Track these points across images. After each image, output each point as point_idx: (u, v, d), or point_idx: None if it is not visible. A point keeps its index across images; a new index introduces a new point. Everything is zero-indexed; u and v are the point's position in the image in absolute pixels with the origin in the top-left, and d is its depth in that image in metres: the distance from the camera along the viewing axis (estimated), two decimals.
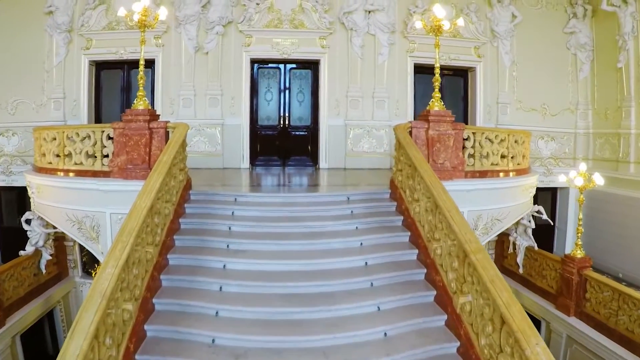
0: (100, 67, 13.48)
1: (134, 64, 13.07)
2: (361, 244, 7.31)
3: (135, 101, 8.62)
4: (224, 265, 6.66)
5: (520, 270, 13.40)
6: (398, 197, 8.38)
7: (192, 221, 7.71)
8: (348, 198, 8.46)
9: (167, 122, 8.53)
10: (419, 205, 7.45)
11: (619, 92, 13.81)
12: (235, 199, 8.22)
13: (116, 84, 13.57)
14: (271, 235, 7.30)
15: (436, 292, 6.41)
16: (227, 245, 7.06)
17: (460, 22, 9.59)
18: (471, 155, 9.35)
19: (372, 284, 6.51)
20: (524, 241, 13.06)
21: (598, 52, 14.65)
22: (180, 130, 8.30)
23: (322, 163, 13.14)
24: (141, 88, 8.65)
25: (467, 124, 13.94)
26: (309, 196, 8.47)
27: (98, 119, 13.46)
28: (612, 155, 14.14)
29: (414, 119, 13.09)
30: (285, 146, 13.49)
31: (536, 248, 13.24)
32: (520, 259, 13.46)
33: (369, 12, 12.88)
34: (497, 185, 9.61)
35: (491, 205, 9.47)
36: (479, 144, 9.45)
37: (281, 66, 13.43)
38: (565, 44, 14.73)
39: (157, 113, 8.87)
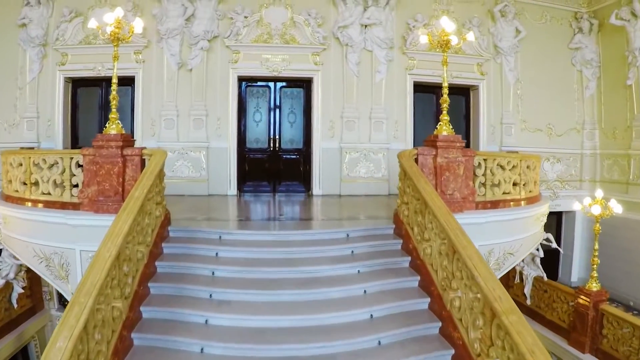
0: (77, 84, 12.52)
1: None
2: (365, 291, 6.39)
3: (107, 124, 7.74)
4: (206, 321, 5.71)
5: (528, 302, 12.70)
6: (404, 234, 7.49)
7: (170, 264, 6.76)
8: (347, 235, 7.56)
9: (142, 148, 7.66)
10: (431, 247, 6.57)
11: (629, 110, 13.21)
12: (220, 236, 7.30)
13: (94, 102, 12.62)
14: (261, 282, 6.35)
15: (454, 351, 5.53)
16: (210, 295, 6.12)
17: (470, 36, 8.86)
18: (482, 184, 8.54)
19: (379, 342, 5.59)
20: (532, 271, 12.38)
21: (605, 68, 14.04)
22: (157, 158, 7.37)
23: (316, 189, 12.22)
24: (114, 110, 7.79)
25: (469, 146, 13.13)
26: (304, 234, 7.51)
27: (74, 141, 12.52)
28: (621, 177, 13.52)
29: (414, 141, 12.37)
30: (275, 170, 12.59)
31: (545, 278, 12.45)
32: (527, 290, 12.75)
33: (366, 26, 12.06)
34: (510, 216, 8.78)
35: (503, 238, 8.65)
36: (491, 171, 8.64)
37: (271, 84, 12.55)
38: (570, 60, 14.07)
39: (133, 138, 8.05)
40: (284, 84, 12.57)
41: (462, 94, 13.34)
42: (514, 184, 9.06)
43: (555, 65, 13.81)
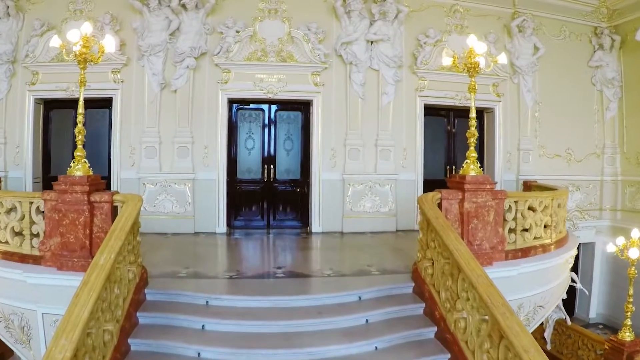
0: (49, 106, 11.28)
1: (90, 103, 10.97)
2: None
3: (71, 164, 6.60)
4: None
5: (548, 347, 11.73)
6: (427, 297, 6.41)
7: (146, 342, 5.57)
8: (360, 298, 6.42)
9: (113, 193, 6.54)
10: (465, 320, 5.42)
11: None
12: (207, 302, 6.15)
13: (68, 126, 11.34)
14: None
15: None
16: None
17: (502, 58, 8.02)
18: (512, 230, 7.51)
19: None
20: (554, 313, 11.30)
21: (627, 88, 13.17)
22: (130, 208, 6.19)
23: (315, 226, 11.04)
24: (80, 146, 6.69)
25: None
26: (308, 299, 6.31)
27: (46, 170, 11.30)
28: None
29: (424, 170, 11.25)
30: (269, 204, 11.43)
31: (569, 322, 11.39)
32: (548, 334, 11.80)
33: (372, 42, 10.95)
34: (543, 265, 7.70)
35: (534, 290, 7.57)
36: (521, 214, 7.59)
37: (265, 107, 11.39)
38: (590, 79, 13.14)
39: (103, 177, 6.85)
40: (279, 106, 11.41)
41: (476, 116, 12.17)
42: (545, 226, 8.07)
43: (574, 85, 12.84)
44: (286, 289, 6.64)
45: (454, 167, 12.05)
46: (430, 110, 11.56)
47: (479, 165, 7.17)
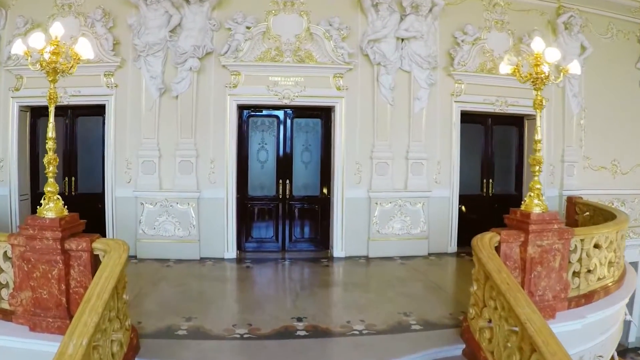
0: (36, 114, 9.39)
1: (81, 109, 9.28)
2: None
3: (42, 202, 4.90)
4: None
5: None
6: None
7: None
8: None
9: (93, 239, 4.81)
10: None
11: None
12: None
13: (58, 136, 9.28)
14: None
15: None
16: None
17: (575, 67, 6.36)
18: (575, 273, 6.09)
19: None
20: None
21: None
22: (112, 263, 4.47)
23: (337, 249, 9.19)
24: (52, 179, 5.13)
25: (522, 192, 10.18)
26: None
27: (35, 186, 9.45)
28: None
29: (459, 186, 9.41)
30: (285, 224, 9.60)
31: (616, 358, 9.54)
32: None
33: (402, 40, 9.02)
34: (607, 312, 6.26)
35: (595, 340, 6.16)
36: (587, 254, 6.14)
37: (280, 114, 9.51)
38: (638, 82, 11.19)
39: (81, 220, 5.12)
40: (297, 113, 9.54)
41: (514, 123, 10.35)
42: (610, 264, 6.67)
43: (620, 89, 10.95)
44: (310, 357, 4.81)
45: (490, 180, 10.20)
46: (465, 117, 9.71)
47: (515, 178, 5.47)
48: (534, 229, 5.49)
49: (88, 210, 9.38)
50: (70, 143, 9.48)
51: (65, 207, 4.94)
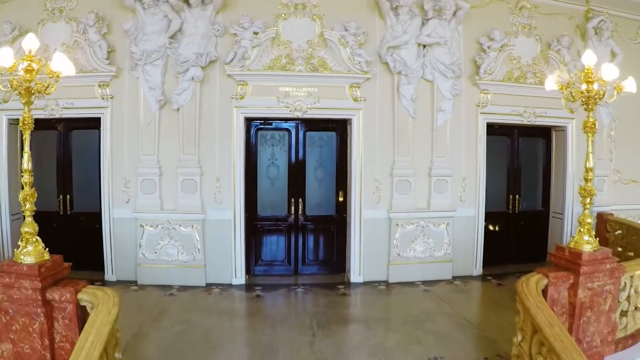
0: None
1: (74, 122, 8.23)
2: None
3: (20, 243, 4.04)
4: None
5: None
6: None
7: None
8: None
9: (77, 288, 4.03)
10: None
11: None
12: None
13: (50, 152, 8.59)
14: None
15: None
16: None
17: (631, 85, 5.63)
18: (623, 312, 5.34)
19: None
20: None
21: None
22: (101, 320, 3.68)
23: (354, 274, 8.23)
24: (29, 218, 4.23)
25: (549, 207, 9.24)
26: None
27: None
28: None
29: (485, 203, 8.46)
30: (298, 246, 8.62)
31: None
32: None
33: (424, 47, 8.02)
34: None
35: None
36: (635, 291, 5.42)
37: (292, 126, 8.54)
38: None
39: (65, 264, 4.21)
40: (310, 125, 8.55)
41: (541, 134, 9.39)
42: None
43: None
44: None
45: (517, 196, 9.22)
46: (489, 128, 8.73)
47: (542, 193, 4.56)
48: (585, 271, 4.79)
49: (85, 232, 8.53)
50: (65, 158, 8.50)
51: (47, 249, 4.05)
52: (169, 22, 7.68)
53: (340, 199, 8.54)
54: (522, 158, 9.33)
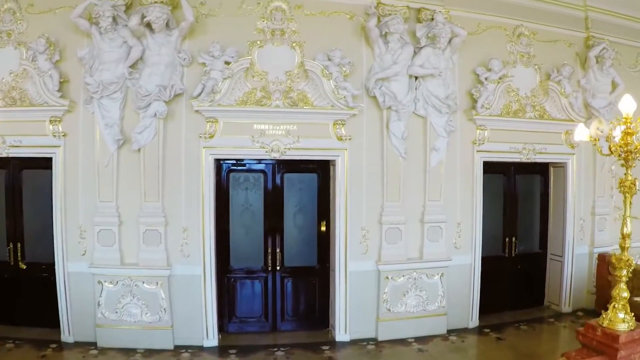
0: None
1: (25, 162, 7.07)
2: None
3: None
4: None
5: None
6: None
7: None
8: None
9: None
10: None
11: None
12: None
13: None
14: None
15: None
16: None
17: None
18: None
19: None
20: None
21: None
22: None
23: (339, 331, 7.17)
24: None
25: (546, 249, 8.33)
26: None
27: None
28: None
29: (482, 249, 7.48)
30: (276, 301, 7.49)
31: None
32: None
33: (416, 78, 6.97)
34: None
35: None
36: None
37: (268, 168, 7.44)
38: None
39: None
40: (288, 167, 7.42)
41: (538, 171, 8.44)
42: None
43: None
44: None
45: (514, 239, 8.24)
46: (485, 166, 7.73)
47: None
48: (622, 355, 4.18)
49: (39, 285, 7.25)
50: (15, 201, 7.21)
51: None
52: (129, 49, 6.54)
53: (323, 248, 7.45)
54: (520, 196, 8.36)
